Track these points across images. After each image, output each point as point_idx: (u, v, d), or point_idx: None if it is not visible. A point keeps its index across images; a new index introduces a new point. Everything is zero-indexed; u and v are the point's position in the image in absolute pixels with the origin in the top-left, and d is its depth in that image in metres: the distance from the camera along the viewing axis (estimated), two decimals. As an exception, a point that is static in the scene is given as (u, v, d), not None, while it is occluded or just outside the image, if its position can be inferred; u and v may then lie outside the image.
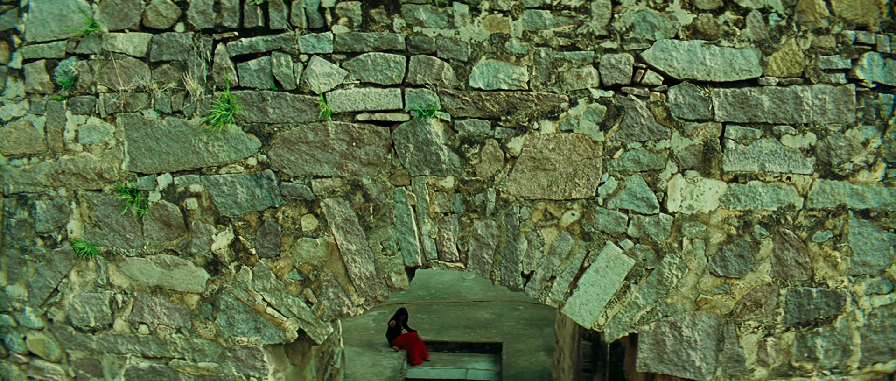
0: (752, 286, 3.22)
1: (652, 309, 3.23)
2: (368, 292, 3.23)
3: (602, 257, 3.16)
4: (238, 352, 3.35)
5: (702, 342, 3.26)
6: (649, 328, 3.24)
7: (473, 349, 10.35)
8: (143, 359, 3.47)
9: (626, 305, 3.22)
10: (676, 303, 3.23)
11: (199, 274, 3.33)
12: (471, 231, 3.14)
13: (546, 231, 3.14)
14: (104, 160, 3.30)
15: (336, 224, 3.17)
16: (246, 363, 3.35)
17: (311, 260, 3.23)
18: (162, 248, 3.35)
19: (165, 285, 3.38)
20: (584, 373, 6.57)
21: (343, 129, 3.09)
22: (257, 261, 3.27)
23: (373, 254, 3.19)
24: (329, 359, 8.58)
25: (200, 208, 3.26)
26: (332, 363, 8.64)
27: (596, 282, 3.18)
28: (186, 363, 3.42)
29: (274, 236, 3.22)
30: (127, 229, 3.34)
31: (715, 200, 3.12)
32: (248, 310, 3.32)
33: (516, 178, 3.09)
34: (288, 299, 3.28)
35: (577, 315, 3.21)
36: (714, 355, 3.28)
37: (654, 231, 3.14)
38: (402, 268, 3.18)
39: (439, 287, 12.62)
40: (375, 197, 3.14)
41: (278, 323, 3.31)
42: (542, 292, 3.20)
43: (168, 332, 3.42)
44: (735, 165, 3.09)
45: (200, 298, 3.37)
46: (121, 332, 3.47)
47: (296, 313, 3.29)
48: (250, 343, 3.33)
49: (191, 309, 3.38)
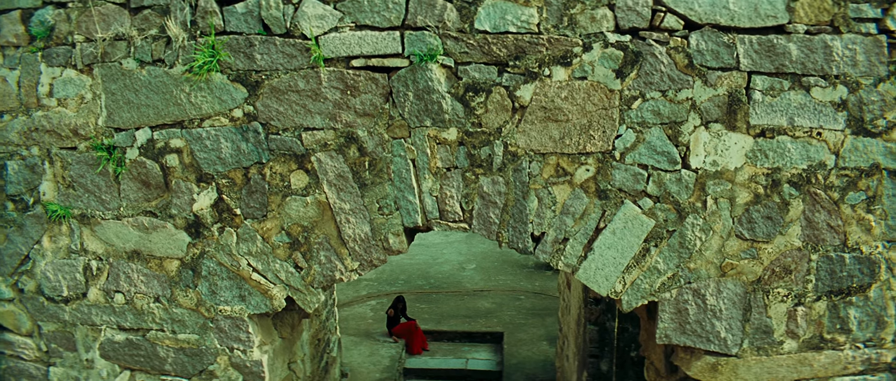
0: (780, 251, 2.96)
1: (673, 275, 2.97)
2: (363, 255, 2.96)
3: (619, 218, 2.90)
4: (221, 323, 3.08)
5: (727, 312, 3.00)
6: (670, 295, 2.98)
7: (474, 338, 10.09)
8: (119, 331, 3.20)
9: (645, 270, 2.96)
10: (700, 268, 2.97)
11: (180, 237, 3.06)
12: (476, 188, 2.87)
13: (558, 188, 2.88)
14: (80, 115, 3.03)
15: (328, 181, 2.90)
16: (229, 335, 3.08)
17: (300, 221, 2.96)
18: (140, 209, 3.08)
19: (143, 250, 3.11)
20: (591, 359, 6.32)
21: (337, 76, 2.82)
22: (242, 222, 3.00)
23: (368, 213, 2.92)
24: (325, 347, 8.32)
25: (181, 165, 2.99)
26: (328, 351, 8.38)
27: (613, 245, 2.92)
28: (165, 334, 3.15)
29: (260, 195, 2.95)
30: (102, 189, 3.08)
31: (741, 156, 2.86)
32: (232, 276, 3.05)
33: (526, 129, 2.83)
34: (275, 264, 3.01)
35: (592, 281, 2.94)
36: (740, 325, 3.02)
37: (676, 189, 2.88)
38: (400, 229, 2.91)
39: (439, 277, 12.36)
40: (371, 151, 2.87)
41: (265, 291, 3.04)
42: (553, 255, 2.93)
43: (146, 301, 3.15)
44: (762, 119, 2.83)
45: (180, 263, 3.10)
46: (95, 302, 3.20)
47: (284, 279, 3.02)
48: (234, 313, 3.06)
49: (170, 276, 3.11)
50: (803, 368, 3.08)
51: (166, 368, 3.18)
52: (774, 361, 3.06)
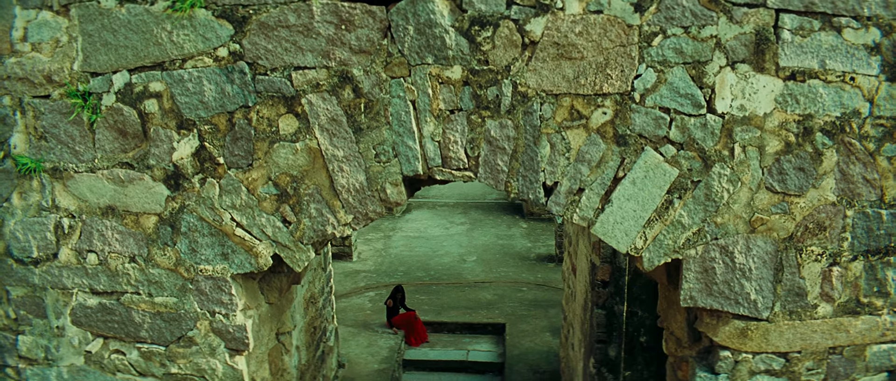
0: (814, 206, 2.71)
1: (699, 230, 2.71)
2: (358, 207, 2.70)
3: (639, 166, 2.64)
4: (201, 284, 2.82)
5: (757, 271, 2.75)
6: (696, 252, 2.72)
7: (475, 330, 9.82)
8: (92, 295, 2.94)
9: (668, 224, 2.70)
10: (728, 223, 2.71)
11: (158, 190, 2.80)
12: (482, 132, 2.61)
13: (572, 133, 2.62)
14: (54, 60, 2.78)
15: (320, 125, 2.64)
16: (210, 297, 2.82)
17: (289, 170, 2.70)
18: (115, 161, 2.82)
19: (118, 206, 2.85)
20: (598, 344, 6.05)
21: (330, 9, 2.56)
22: (226, 172, 2.74)
23: (364, 161, 2.66)
24: (322, 336, 8.04)
25: (161, 111, 2.73)
26: (324, 339, 8.10)
27: (633, 196, 2.66)
28: (141, 298, 2.89)
29: (246, 142, 2.70)
30: (76, 139, 2.82)
31: (770, 100, 2.61)
32: (214, 232, 2.79)
33: (537, 68, 2.57)
34: (261, 218, 2.75)
35: (610, 236, 2.68)
36: (771, 287, 2.76)
37: (701, 136, 2.62)
38: (398, 178, 2.65)
39: (439, 269, 12.09)
40: (368, 92, 2.61)
41: (249, 248, 2.78)
42: (567, 207, 2.67)
43: (120, 261, 2.89)
44: (792, 60, 2.59)
45: (158, 219, 2.84)
46: (67, 263, 2.94)
47: (270, 234, 2.76)
48: (216, 273, 2.80)
49: (147, 233, 2.85)
50: (839, 334, 2.82)
51: (142, 334, 2.91)
52: (808, 326, 2.81)
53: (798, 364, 2.83)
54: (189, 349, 2.87)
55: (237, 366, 2.84)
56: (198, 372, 2.88)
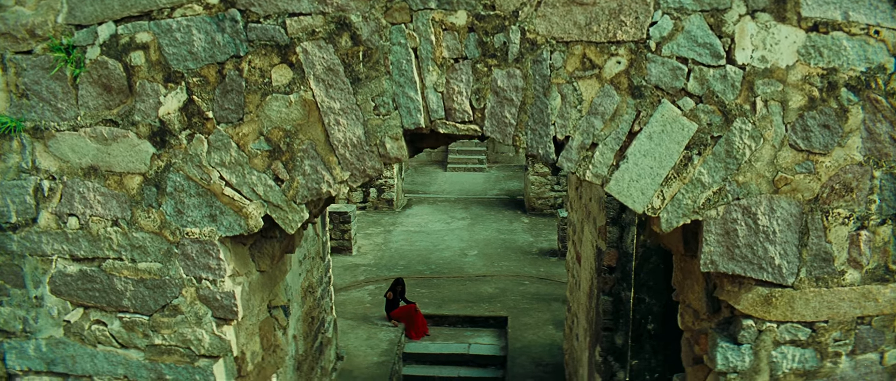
0: (840, 165, 2.54)
1: (720, 189, 2.54)
2: (355, 163, 2.52)
3: (656, 120, 2.47)
4: (187, 248, 2.64)
5: (782, 235, 2.57)
6: (717, 213, 2.55)
7: (476, 323, 9.63)
8: (72, 262, 2.76)
9: (687, 182, 2.53)
10: (750, 182, 2.54)
11: (143, 148, 2.63)
12: (488, 83, 2.44)
13: (585, 84, 2.45)
14: (38, 13, 2.62)
15: (315, 75, 2.47)
16: (197, 262, 2.64)
17: (282, 124, 2.53)
18: (99, 118, 2.65)
19: (101, 166, 2.68)
20: (604, 332, 5.86)
21: (324, -48, 2.40)
22: (215, 127, 2.57)
23: (362, 114, 2.49)
24: (320, 326, 7.85)
25: (148, 64, 2.57)
26: (323, 330, 7.91)
27: (649, 152, 2.49)
28: (123, 264, 2.71)
29: (236, 95, 2.53)
30: (59, 96, 2.66)
31: (792, 52, 2.44)
32: (202, 192, 2.62)
33: (546, 13, 2.40)
34: (252, 176, 2.58)
35: (626, 195, 2.51)
36: (797, 251, 2.58)
37: (721, 88, 2.46)
38: (399, 131, 2.48)
39: (440, 263, 11.90)
40: (366, 39, 2.44)
41: (239, 208, 2.60)
42: (580, 163, 2.50)
43: (102, 225, 2.72)
44: (814, 11, 2.42)
45: (143, 179, 2.67)
46: (46, 228, 2.77)
47: (261, 193, 2.58)
48: (203, 236, 2.62)
49: (131, 195, 2.68)
50: (867, 303, 2.65)
51: (124, 303, 2.74)
52: (835, 293, 2.63)
53: (825, 335, 2.65)
54: (174, 318, 2.70)
55: (225, 336, 2.66)
56: (183, 343, 2.71)
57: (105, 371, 2.82)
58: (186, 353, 2.72)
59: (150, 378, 2.77)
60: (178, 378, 2.74)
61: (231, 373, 2.77)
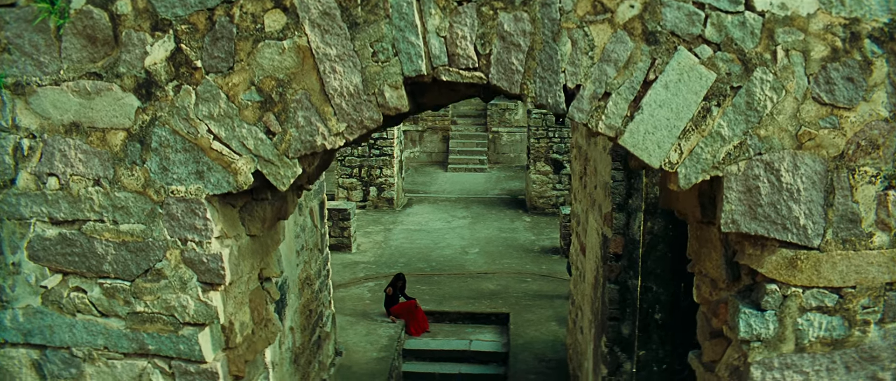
0: (865, 121, 2.38)
1: (741, 143, 2.38)
2: (352, 113, 2.36)
3: (672, 68, 2.32)
4: (172, 207, 2.48)
5: (806, 194, 2.41)
6: (738, 169, 2.38)
7: (478, 319, 9.44)
8: (51, 225, 2.60)
9: (706, 135, 2.37)
10: (772, 137, 2.38)
11: (127, 102, 2.48)
12: (494, 27, 2.29)
13: (596, 29, 2.30)
14: None
15: (310, 20, 2.32)
16: (182, 223, 2.47)
17: (274, 73, 2.37)
18: (83, 71, 2.50)
19: (83, 121, 2.52)
20: (610, 322, 5.67)
21: None
22: (203, 78, 2.41)
23: (359, 61, 2.34)
24: (318, 320, 7.65)
25: (134, 12, 2.42)
26: (321, 324, 7.71)
27: (665, 102, 2.33)
28: (105, 226, 2.54)
29: (227, 42, 2.37)
30: (42, 49, 2.51)
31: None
32: (189, 147, 2.46)
33: (556, -46, 2.26)
34: (242, 129, 2.42)
35: (641, 148, 2.35)
36: (822, 211, 2.42)
37: (740, 36, 2.30)
38: (398, 79, 2.32)
39: (440, 260, 11.72)
40: (363, -19, 2.29)
41: (228, 163, 2.44)
42: (592, 114, 2.34)
43: (83, 185, 2.55)
44: (835, -45, 2.29)
45: (127, 135, 2.51)
46: (25, 189, 2.60)
47: (251, 147, 2.42)
48: (189, 194, 2.46)
49: (114, 152, 2.52)
50: (898, 268, 2.48)
51: (105, 268, 2.57)
52: (863, 257, 2.46)
53: (852, 301, 2.48)
54: (157, 283, 2.53)
55: (211, 302, 2.49)
56: (166, 310, 2.53)
57: (84, 342, 2.65)
58: (170, 321, 2.54)
59: (131, 348, 2.60)
60: (161, 348, 2.57)
61: (218, 343, 2.59)
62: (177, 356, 2.56)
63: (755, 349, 2.45)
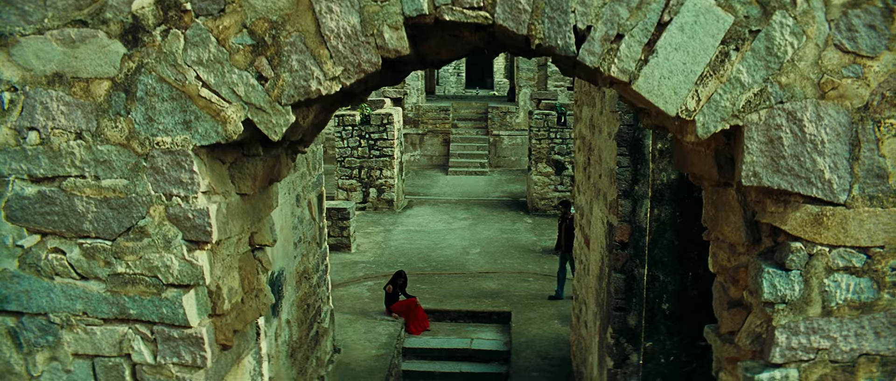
0: (889, 71, 2.25)
1: (761, 91, 2.24)
2: (349, 56, 2.23)
3: (688, 9, 2.19)
4: (157, 160, 2.33)
5: (831, 146, 2.26)
6: (759, 118, 2.24)
7: (479, 318, 9.25)
8: (30, 183, 2.45)
9: (725, 81, 2.23)
10: (794, 85, 2.24)
11: (113, 49, 2.34)
12: (499, -35, 2.17)
13: (608, -32, 2.17)
14: None
15: (304, -41, 2.20)
16: (167, 176, 2.32)
17: (267, 14, 2.24)
18: (68, 19, 2.37)
19: (67, 72, 2.39)
20: (617, 312, 5.49)
21: None
22: (193, 21, 2.28)
23: (357, 0, 2.21)
24: (315, 315, 7.46)
25: (119, -45, 2.30)
26: (318, 319, 7.52)
27: (681, 45, 2.20)
28: (86, 182, 2.40)
29: (216, -16, 2.25)
30: (24, -3, 2.39)
31: (833, -60, 2.19)
32: (176, 95, 2.32)
33: None
34: (232, 75, 2.28)
35: (657, 94, 2.21)
36: (848, 165, 2.27)
37: (760, -22, 2.18)
38: (399, 19, 2.19)
39: (441, 260, 11.54)
40: (361, -82, 2.17)
41: (216, 112, 2.30)
42: (603, 57, 2.21)
43: (65, 138, 2.41)
44: None
45: (111, 85, 2.37)
46: (4, 145, 2.46)
47: (242, 94, 2.28)
48: (175, 145, 2.31)
49: (98, 103, 2.38)
50: (930, 228, 2.32)
51: (85, 227, 2.42)
52: (891, 215, 2.30)
53: (881, 262, 2.32)
54: (140, 242, 2.37)
55: (197, 262, 2.33)
56: (149, 270, 2.37)
57: (62, 307, 2.49)
58: (153, 282, 2.38)
59: (111, 313, 2.43)
60: (143, 312, 2.40)
61: (204, 308, 2.43)
62: (159, 321, 2.39)
63: (780, 312, 2.28)
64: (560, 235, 9.61)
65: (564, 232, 9.42)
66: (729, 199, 2.59)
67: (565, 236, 9.38)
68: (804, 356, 2.31)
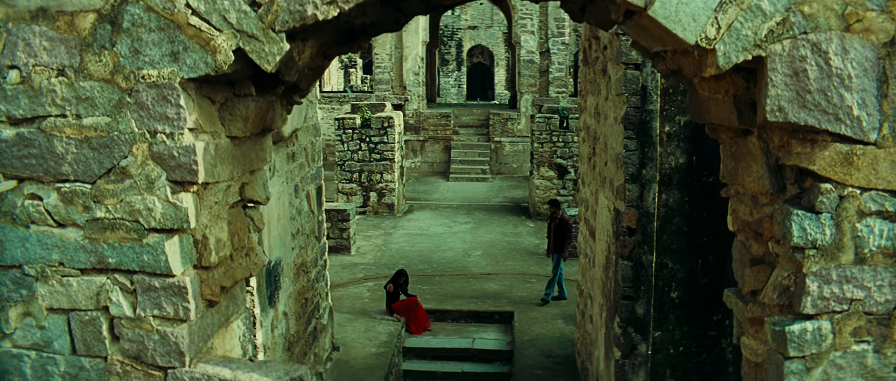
0: (917, 5, 2.13)
1: (783, 20, 2.10)
2: (346, -20, 2.10)
3: (707, -66, 2.07)
4: (142, 95, 2.19)
5: (859, 81, 2.12)
6: (782, 48, 2.10)
7: (481, 318, 9.01)
8: (8, 125, 2.31)
9: (745, 9, 2.09)
10: (817, 15, 2.11)
11: (97, -20, 2.23)
12: None
13: None
14: None
15: None
16: (152, 112, 2.18)
17: (260, -62, 2.13)
18: (51, -46, 2.26)
19: (51, 6, 2.26)
20: (624, 301, 5.29)
21: None
22: (181, -52, 2.17)
23: (354, -77, 2.09)
24: (314, 310, 7.25)
25: None
26: (317, 315, 7.30)
27: (698, -30, 2.07)
28: (66, 121, 2.25)
29: None
30: (8, -70, 2.28)
31: None
32: (164, 25, 2.19)
33: None
34: (223, 1, 2.14)
35: (674, 21, 2.07)
36: (876, 102, 2.13)
37: None
38: (398, -58, 2.08)
39: (442, 262, 11.33)
40: None
41: (206, 41, 2.16)
42: (615, -18, 2.08)
43: (46, 76, 2.28)
44: None
45: (97, 17, 2.24)
46: (-20, 86, 2.33)
47: (234, 21, 2.15)
48: (162, 78, 2.17)
49: (82, 37, 2.25)
50: (966, 171, 2.17)
51: (64, 170, 2.27)
52: (928, 157, 2.16)
53: (918, 207, 2.16)
54: (121, 184, 2.22)
55: (181, 204, 2.17)
56: (130, 214, 2.21)
57: (37, 258, 2.32)
58: (133, 227, 2.22)
59: (88, 263, 2.27)
60: (123, 261, 2.24)
61: (188, 256, 2.26)
62: (140, 270, 2.23)
63: (810, 258, 2.11)
64: (550, 235, 9.35)
65: (554, 232, 9.18)
66: (750, 147, 2.44)
67: (555, 236, 9.14)
68: (837, 307, 2.13)
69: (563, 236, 9.09)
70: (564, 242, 9.10)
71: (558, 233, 9.11)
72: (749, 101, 2.39)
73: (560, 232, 9.09)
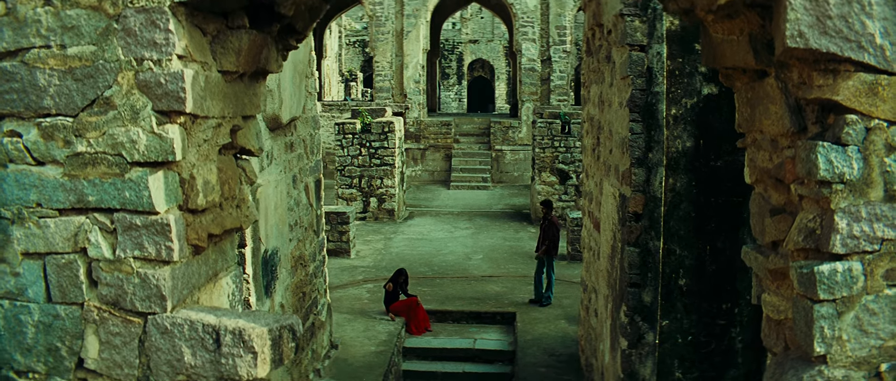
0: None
1: (803, -58, 2.01)
2: None
3: None
4: (129, 20, 2.08)
5: (880, 9, 2.01)
6: (801, -29, 2.00)
7: (482, 319, 8.80)
8: (-10, 59, 2.21)
9: (762, -70, 2.01)
10: (839, -61, 2.02)
11: None
12: None
13: None
14: None
15: None
16: (139, 38, 2.07)
17: None
18: None
19: (38, -68, 2.18)
20: (631, 288, 5.12)
21: None
22: None
23: None
24: (312, 305, 7.06)
25: None
26: (315, 311, 7.10)
27: None
28: (50, 51, 2.14)
29: None
30: None
31: None
32: (153, -51, 2.10)
33: None
34: (215, -76, 2.07)
35: (685, -59, 1.98)
36: (902, 32, 2.02)
37: None
38: None
39: (443, 265, 11.14)
40: None
41: (198, -35, 2.07)
42: None
43: (32, 6, 2.17)
44: None
45: (84, -57, 2.15)
46: (-38, 20, 2.23)
47: (226, -56, 2.06)
48: (151, 2, 2.06)
49: (67, -35, 2.16)
50: None
51: (45, 103, 2.15)
52: (958, 90, 2.03)
53: (950, 142, 2.03)
54: (104, 115, 2.10)
55: (166, 135, 2.05)
56: (112, 147, 2.09)
57: (14, 199, 2.19)
58: (116, 162, 2.09)
59: (67, 202, 2.13)
60: (103, 198, 2.10)
61: (173, 194, 2.13)
62: (121, 207, 2.09)
63: (838, 193, 1.97)
64: (540, 236, 9.17)
65: (544, 234, 9.01)
66: (767, 90, 2.32)
67: (544, 237, 8.97)
68: (868, 247, 1.99)
69: (551, 237, 8.93)
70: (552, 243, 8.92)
71: (548, 233, 8.97)
72: (765, 40, 2.28)
73: (550, 232, 8.95)
